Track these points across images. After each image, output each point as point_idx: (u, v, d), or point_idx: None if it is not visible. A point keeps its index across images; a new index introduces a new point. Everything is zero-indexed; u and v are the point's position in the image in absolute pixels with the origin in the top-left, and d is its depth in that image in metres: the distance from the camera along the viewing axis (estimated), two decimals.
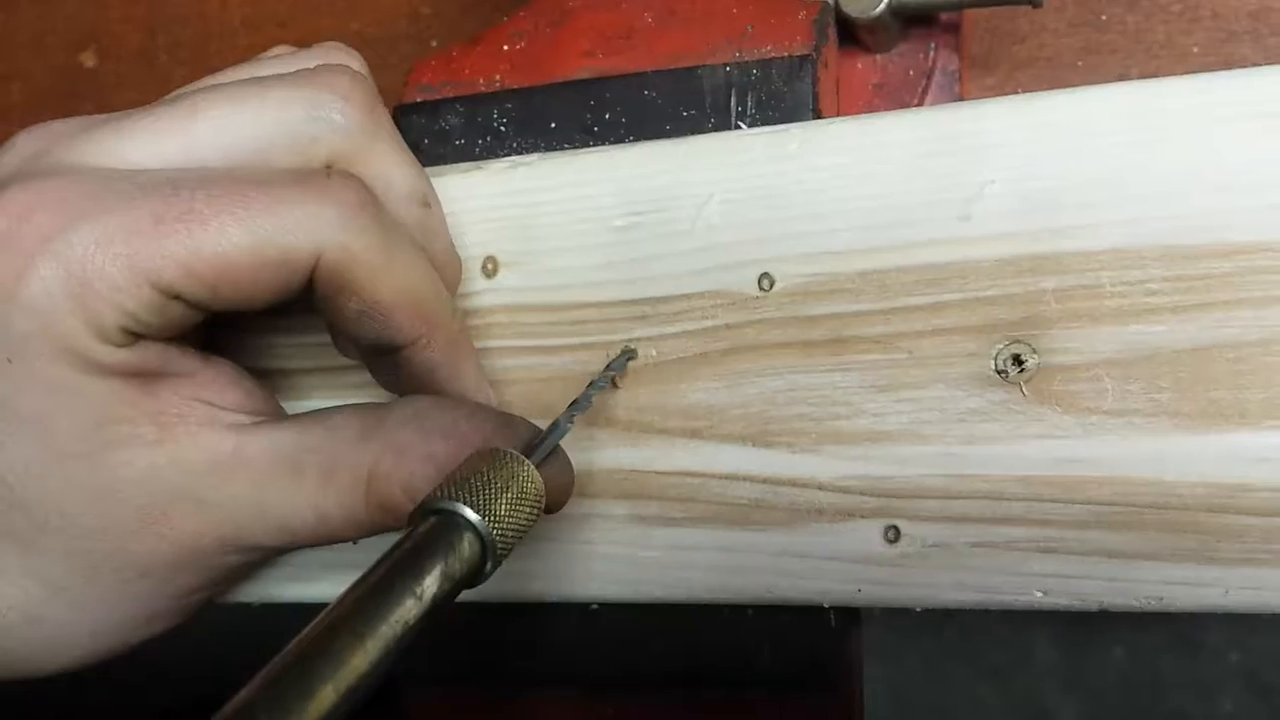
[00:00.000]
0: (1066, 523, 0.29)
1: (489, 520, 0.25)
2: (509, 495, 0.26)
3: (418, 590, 0.23)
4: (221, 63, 0.58)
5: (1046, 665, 1.04)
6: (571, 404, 0.31)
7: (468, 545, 0.24)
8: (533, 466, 0.27)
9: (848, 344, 0.32)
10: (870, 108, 0.46)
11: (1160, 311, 0.29)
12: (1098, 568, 0.29)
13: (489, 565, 0.25)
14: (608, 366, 0.33)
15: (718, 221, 0.33)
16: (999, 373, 0.30)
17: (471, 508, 0.24)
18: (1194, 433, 0.29)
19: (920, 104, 0.46)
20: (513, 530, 0.25)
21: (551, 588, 0.34)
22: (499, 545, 0.25)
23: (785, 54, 0.35)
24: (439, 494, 0.25)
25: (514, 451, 0.27)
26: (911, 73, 0.46)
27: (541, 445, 0.29)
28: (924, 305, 0.31)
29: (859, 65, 0.46)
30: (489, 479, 0.26)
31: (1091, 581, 0.29)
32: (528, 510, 0.26)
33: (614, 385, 0.34)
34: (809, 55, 0.34)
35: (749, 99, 0.35)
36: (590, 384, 0.32)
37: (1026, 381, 0.30)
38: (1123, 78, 0.46)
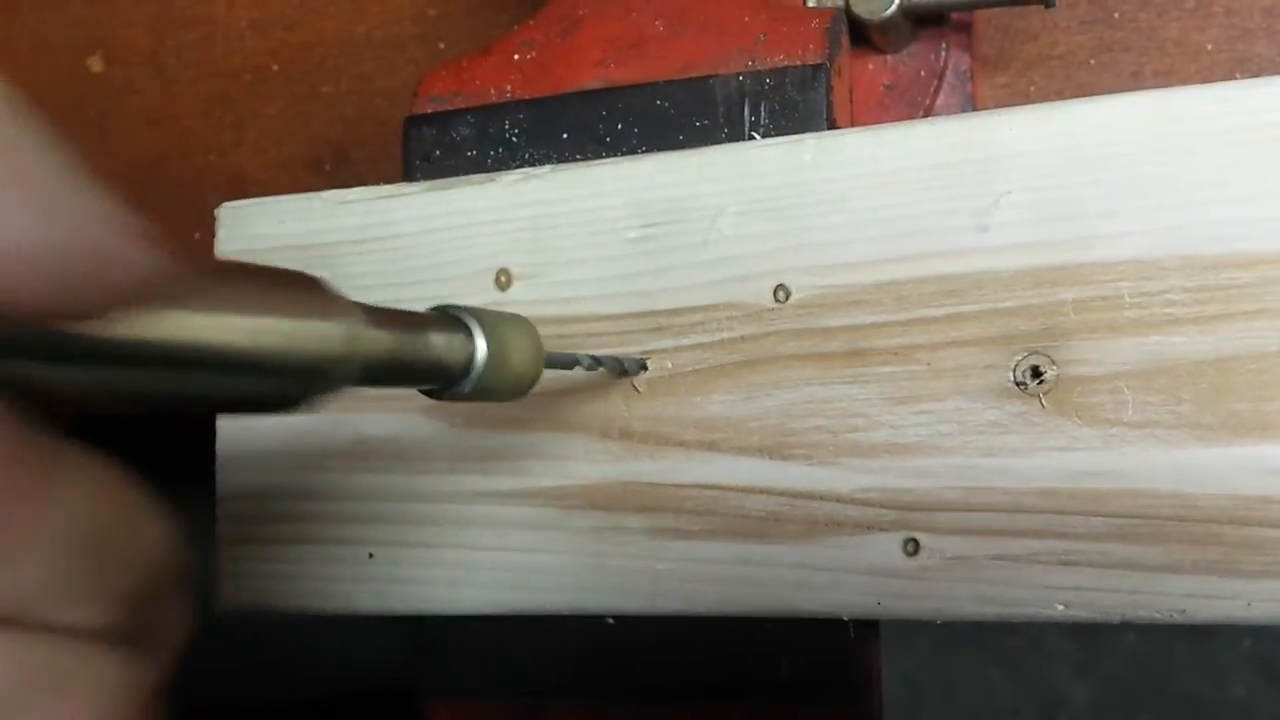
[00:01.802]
0: (1087, 535, 0.29)
1: (489, 344, 0.26)
2: (513, 343, 0.28)
3: (416, 334, 0.25)
4: (228, 65, 0.58)
5: (1058, 650, 1.04)
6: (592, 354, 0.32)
7: (463, 345, 0.26)
8: (539, 342, 0.29)
9: (865, 356, 0.32)
10: (882, 108, 0.46)
11: (1180, 322, 0.29)
12: (1119, 580, 0.29)
13: (472, 373, 0.26)
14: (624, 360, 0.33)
15: (732, 233, 0.33)
16: (1018, 384, 0.30)
17: (480, 326, 0.27)
18: (1215, 445, 0.29)
19: (932, 104, 0.46)
20: (503, 368, 0.27)
21: (567, 600, 0.34)
22: (489, 363, 0.27)
23: (798, 63, 0.34)
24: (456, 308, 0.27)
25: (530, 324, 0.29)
26: (923, 73, 0.46)
27: (557, 355, 0.31)
28: (942, 316, 0.31)
29: (870, 66, 0.45)
30: (503, 322, 0.28)
31: (1113, 594, 0.29)
32: (521, 352, 0.28)
33: (635, 390, 0.34)
34: (822, 64, 0.34)
35: (762, 109, 0.34)
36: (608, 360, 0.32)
37: (1046, 393, 0.30)
38: (1136, 75, 0.46)
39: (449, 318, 0.26)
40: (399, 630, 0.37)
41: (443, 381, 0.26)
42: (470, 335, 0.26)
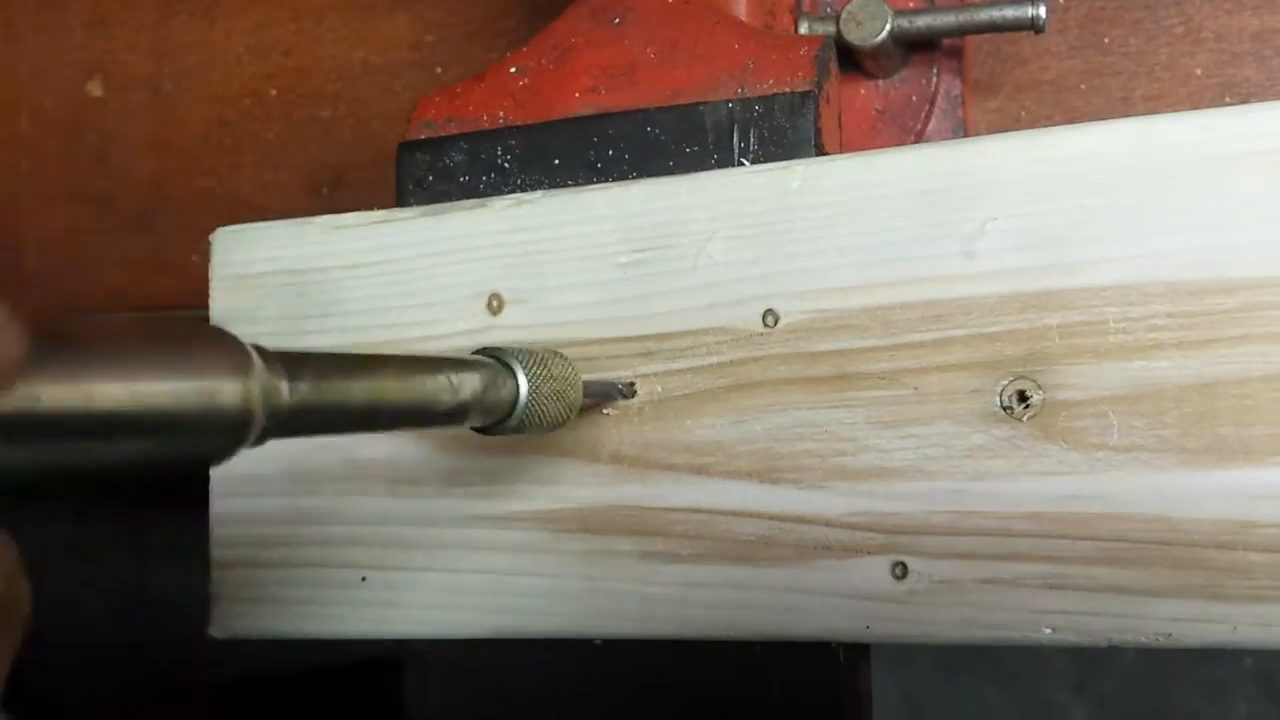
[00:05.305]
0: (1074, 559, 0.30)
1: (530, 381, 0.29)
2: (554, 377, 0.30)
3: (456, 380, 0.27)
4: (226, 90, 0.59)
5: (1057, 669, 1.04)
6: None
7: (506, 385, 0.28)
8: (577, 372, 0.31)
9: (852, 380, 0.32)
10: (873, 133, 0.46)
11: (1165, 347, 0.29)
12: (1106, 604, 0.29)
13: (515, 411, 0.28)
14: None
15: (721, 258, 0.33)
16: (1004, 409, 0.30)
17: (522, 367, 0.29)
18: (1200, 469, 0.29)
19: (924, 128, 0.46)
20: (546, 402, 0.29)
21: (558, 624, 0.34)
22: (530, 404, 0.29)
23: (787, 90, 0.35)
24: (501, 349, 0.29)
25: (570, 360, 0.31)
26: (914, 98, 0.46)
27: (594, 383, 0.33)
28: (928, 341, 0.31)
29: (862, 91, 0.46)
30: (544, 359, 0.30)
31: (1099, 618, 0.29)
32: (561, 392, 0.30)
33: (625, 414, 0.34)
34: (811, 91, 0.34)
35: (751, 135, 0.35)
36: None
37: (1032, 417, 0.30)
38: (1125, 100, 0.46)
39: (491, 360, 0.28)
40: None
41: (489, 419, 0.28)
42: (513, 374, 0.28)
